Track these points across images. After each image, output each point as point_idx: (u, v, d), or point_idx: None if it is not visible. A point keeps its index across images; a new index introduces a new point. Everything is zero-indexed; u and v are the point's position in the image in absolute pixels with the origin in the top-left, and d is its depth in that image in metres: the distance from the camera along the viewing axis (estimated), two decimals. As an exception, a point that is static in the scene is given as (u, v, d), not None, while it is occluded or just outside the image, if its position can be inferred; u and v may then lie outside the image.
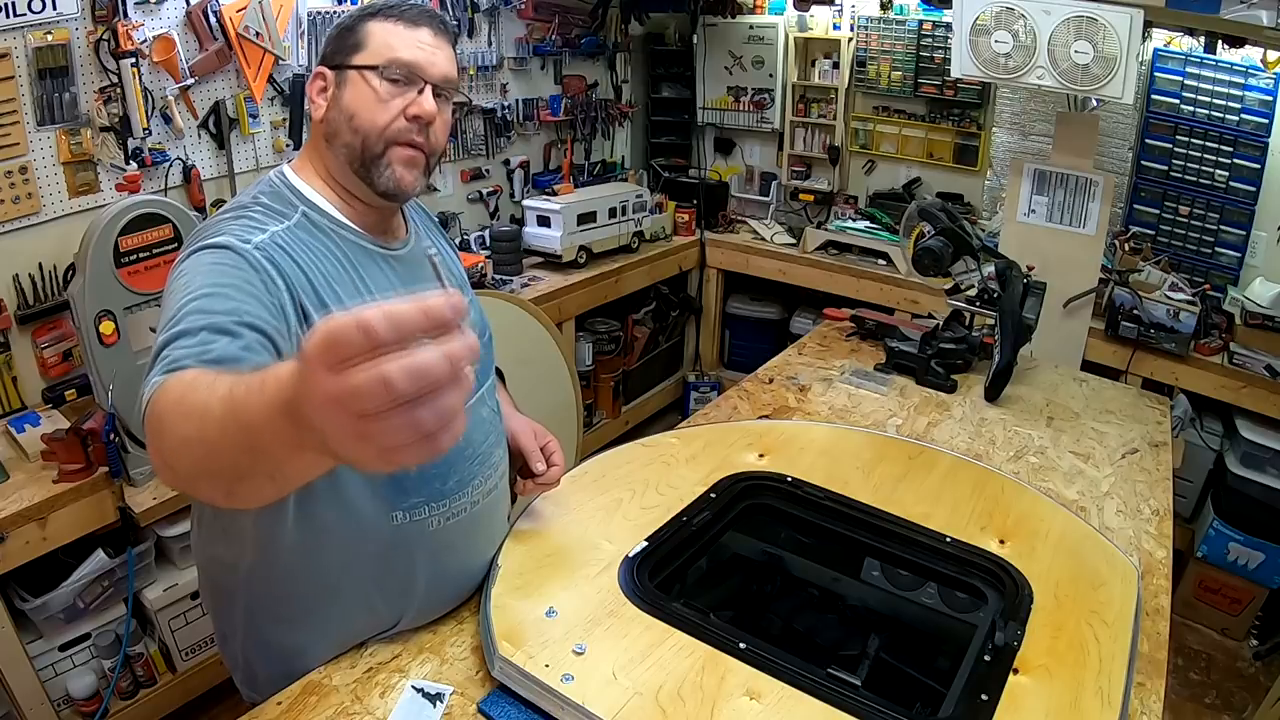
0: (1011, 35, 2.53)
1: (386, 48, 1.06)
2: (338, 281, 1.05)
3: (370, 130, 1.06)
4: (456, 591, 1.25)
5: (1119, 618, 1.22)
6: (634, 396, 3.82)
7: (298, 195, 1.10)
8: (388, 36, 1.06)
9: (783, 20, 3.73)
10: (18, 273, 2.10)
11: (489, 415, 1.25)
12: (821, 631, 1.54)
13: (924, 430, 1.84)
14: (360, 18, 1.08)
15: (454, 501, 1.17)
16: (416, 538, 1.15)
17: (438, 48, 1.09)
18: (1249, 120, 2.92)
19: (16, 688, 1.91)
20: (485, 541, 1.28)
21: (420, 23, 1.08)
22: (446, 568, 1.20)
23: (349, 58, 1.07)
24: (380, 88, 1.05)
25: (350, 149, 1.07)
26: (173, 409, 0.75)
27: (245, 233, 1.00)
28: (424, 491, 1.14)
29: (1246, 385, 2.73)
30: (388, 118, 1.06)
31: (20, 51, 2.00)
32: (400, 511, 1.12)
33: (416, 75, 1.07)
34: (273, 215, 1.05)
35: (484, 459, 1.22)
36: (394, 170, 1.08)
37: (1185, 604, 2.91)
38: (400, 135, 1.07)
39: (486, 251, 3.13)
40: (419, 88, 1.07)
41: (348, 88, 1.07)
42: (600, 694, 1.04)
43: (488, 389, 1.27)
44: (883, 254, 3.48)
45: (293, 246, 1.03)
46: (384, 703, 1.07)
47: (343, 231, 1.10)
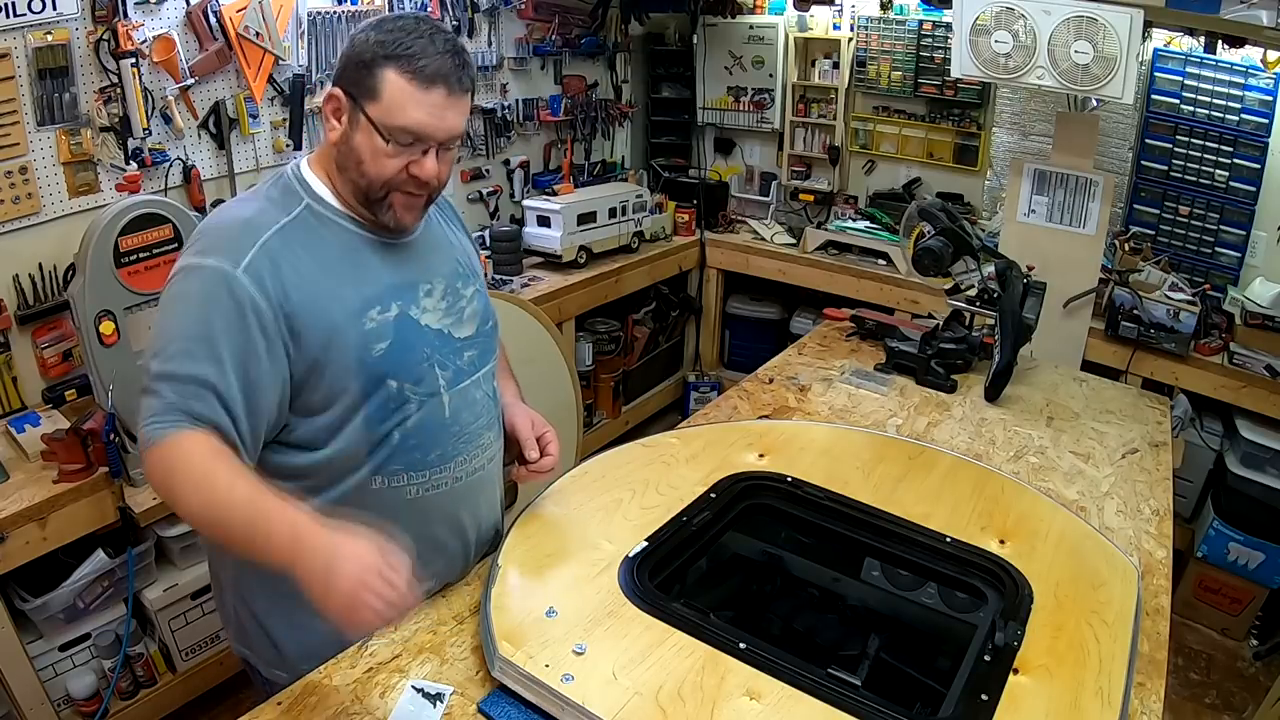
0: (1011, 35, 2.53)
1: (399, 109, 1.07)
2: (332, 271, 1.12)
3: (375, 179, 1.11)
4: (437, 562, 1.28)
5: (1119, 618, 1.22)
6: (634, 396, 3.82)
7: (305, 188, 1.16)
8: (402, 96, 1.07)
9: (783, 20, 3.73)
10: (18, 273, 2.10)
11: (482, 398, 1.29)
12: (821, 631, 1.54)
13: (924, 430, 1.84)
14: (380, 58, 1.07)
15: (434, 474, 1.22)
16: (393, 503, 1.20)
17: (449, 107, 1.10)
18: (1249, 120, 2.92)
19: (16, 688, 1.91)
20: (469, 517, 1.31)
21: (436, 83, 1.07)
22: (425, 536, 1.23)
23: (364, 100, 1.08)
24: (388, 146, 1.09)
25: (356, 185, 1.13)
26: (183, 480, 1.01)
27: (241, 244, 1.07)
28: (403, 460, 1.19)
29: (1246, 385, 2.73)
30: (391, 172, 1.11)
31: (20, 51, 2.00)
32: (380, 476, 1.18)
33: (423, 139, 1.10)
34: (278, 206, 1.13)
35: (471, 438, 1.27)
36: (394, 211, 1.15)
37: (1185, 604, 2.91)
38: (402, 186, 1.13)
39: (486, 251, 3.13)
40: (424, 149, 1.11)
41: (359, 131, 1.10)
42: (600, 694, 1.04)
43: (485, 374, 1.30)
44: (883, 254, 3.48)
45: (285, 249, 1.09)
46: (384, 703, 1.07)
47: (344, 223, 1.16)
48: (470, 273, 1.33)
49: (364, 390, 1.14)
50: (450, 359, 1.23)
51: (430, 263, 1.25)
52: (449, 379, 1.22)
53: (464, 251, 1.36)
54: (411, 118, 1.07)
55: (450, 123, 1.11)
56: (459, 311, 1.26)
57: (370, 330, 1.13)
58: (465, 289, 1.29)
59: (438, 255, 1.27)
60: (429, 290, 1.23)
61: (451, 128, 1.11)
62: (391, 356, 1.15)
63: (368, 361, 1.13)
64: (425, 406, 1.20)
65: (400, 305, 1.18)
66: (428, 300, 1.22)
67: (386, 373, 1.15)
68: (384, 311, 1.15)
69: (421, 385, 1.19)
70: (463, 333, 1.26)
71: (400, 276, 1.20)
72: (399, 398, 1.17)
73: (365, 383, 1.14)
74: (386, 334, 1.15)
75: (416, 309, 1.20)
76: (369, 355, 1.13)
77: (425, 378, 1.19)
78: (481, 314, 1.32)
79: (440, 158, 1.13)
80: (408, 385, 1.17)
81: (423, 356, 1.19)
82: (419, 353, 1.19)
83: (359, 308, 1.13)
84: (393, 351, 1.15)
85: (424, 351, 1.20)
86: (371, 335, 1.13)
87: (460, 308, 1.27)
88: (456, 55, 1.09)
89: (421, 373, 1.19)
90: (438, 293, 1.24)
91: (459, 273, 1.29)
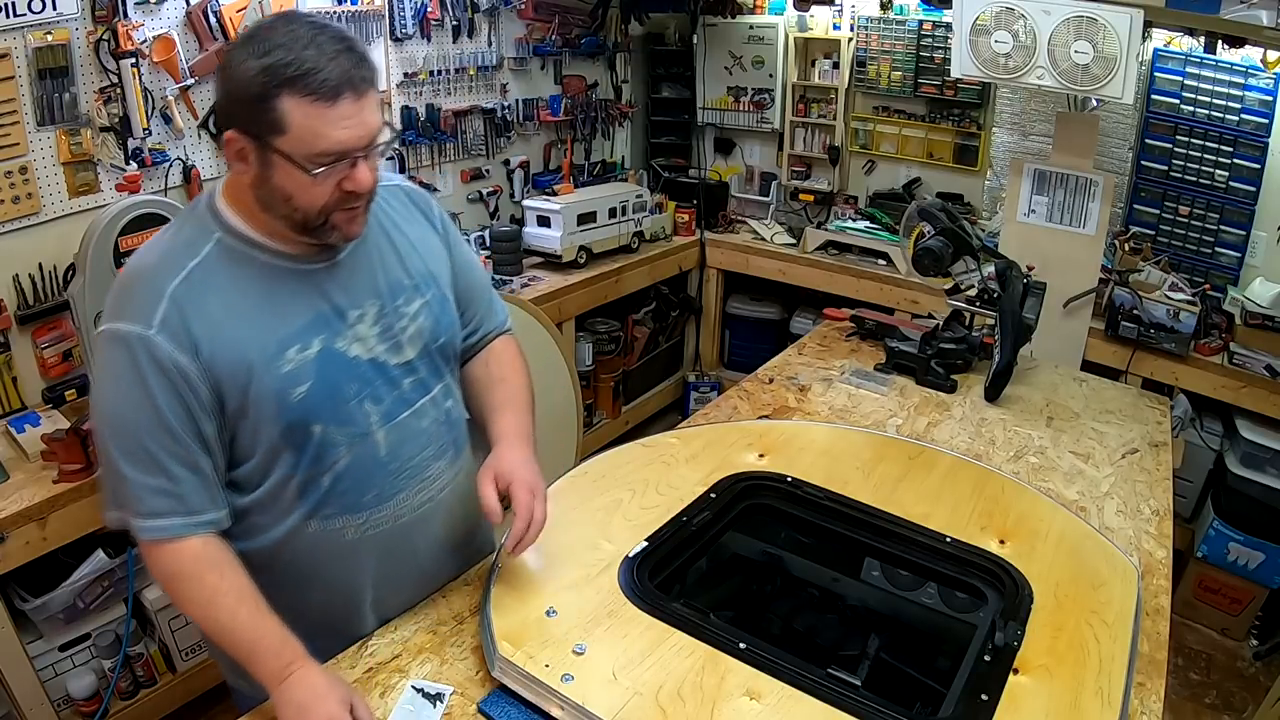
0: (1011, 35, 2.53)
1: (312, 136, 0.96)
2: (243, 313, 1.04)
3: (309, 210, 1.02)
4: (402, 592, 1.25)
5: (1119, 618, 1.22)
6: (634, 396, 3.82)
7: (219, 221, 1.07)
8: (310, 122, 0.96)
9: (783, 20, 3.73)
10: (18, 273, 2.10)
11: (429, 426, 1.21)
12: (821, 631, 1.54)
13: (924, 430, 1.84)
14: (272, 89, 0.95)
15: (372, 515, 1.17)
16: (332, 546, 1.16)
17: (361, 111, 0.99)
18: (1249, 120, 2.92)
19: (16, 688, 1.91)
20: (426, 546, 1.26)
21: (340, 92, 0.96)
22: (377, 574, 1.21)
23: (271, 137, 0.97)
24: (312, 176, 0.99)
25: (289, 220, 1.04)
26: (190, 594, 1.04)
27: (149, 301, 1.00)
28: (336, 504, 1.14)
29: (1246, 385, 2.73)
30: (324, 197, 1.02)
31: (20, 51, 2.00)
32: (314, 520, 1.14)
33: (347, 155, 1.00)
34: (186, 247, 1.05)
35: (415, 473, 1.20)
36: (339, 230, 1.06)
37: (1185, 604, 2.91)
38: (339, 205, 1.03)
39: (486, 251, 3.13)
40: (351, 162, 1.01)
41: (276, 169, 0.99)
42: (600, 694, 1.04)
43: (432, 398, 1.21)
44: (883, 254, 3.47)
45: (193, 297, 1.02)
46: (384, 703, 1.07)
47: (256, 254, 1.07)
48: (419, 282, 1.20)
49: (286, 438, 1.08)
50: (385, 391, 1.15)
51: (361, 284, 1.14)
52: (383, 413, 1.14)
53: (414, 255, 1.21)
54: (328, 140, 0.97)
55: (369, 125, 1.01)
56: (397, 335, 1.16)
57: (288, 373, 1.06)
58: (408, 305, 1.17)
59: (372, 272, 1.16)
60: (360, 315, 1.13)
61: (372, 129, 1.01)
62: (313, 400, 1.07)
63: (287, 408, 1.06)
64: (356, 448, 1.13)
65: (324, 340, 1.09)
66: (359, 327, 1.12)
67: (309, 418, 1.08)
68: (304, 350, 1.07)
69: (350, 426, 1.11)
70: (401, 358, 1.17)
71: (325, 306, 1.10)
72: (325, 442, 1.10)
73: (286, 430, 1.07)
74: (306, 375, 1.07)
75: (344, 340, 1.11)
76: (288, 401, 1.06)
77: (354, 417, 1.12)
78: (430, 330, 1.20)
79: (369, 161, 1.03)
80: (333, 429, 1.10)
81: (350, 394, 1.11)
82: (345, 391, 1.11)
83: (274, 350, 1.05)
84: (314, 394, 1.07)
85: (351, 389, 1.11)
86: (289, 379, 1.06)
87: (399, 329, 1.16)
88: (349, 52, 0.98)
89: (349, 413, 1.11)
90: (370, 317, 1.13)
91: (401, 287, 1.17)
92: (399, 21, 2.86)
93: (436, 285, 1.23)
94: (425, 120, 3.06)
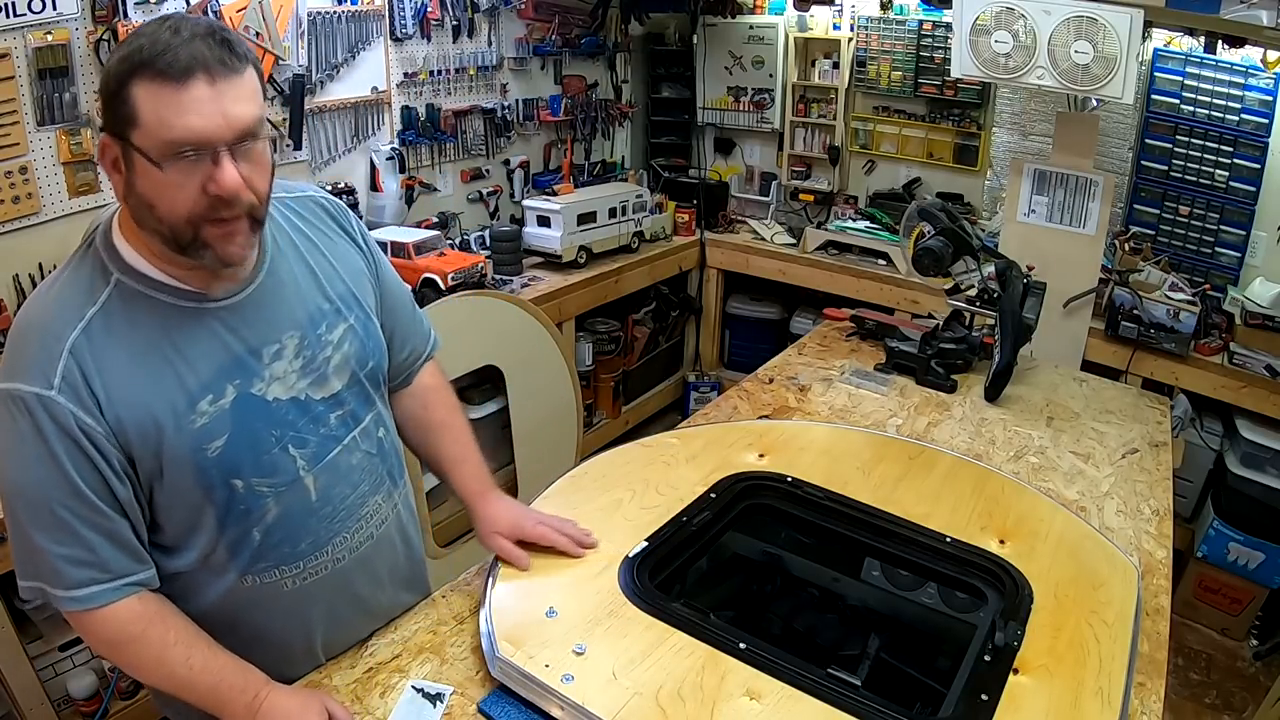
0: (1011, 35, 2.53)
1: (161, 125, 0.86)
2: (148, 363, 0.96)
3: (173, 220, 0.91)
4: (342, 636, 1.19)
5: (1119, 618, 1.22)
6: (634, 396, 3.82)
7: (114, 259, 0.97)
8: (158, 108, 0.86)
9: (783, 20, 3.73)
10: (18, 273, 2.10)
11: (360, 461, 1.14)
12: (821, 631, 1.54)
13: (924, 430, 1.84)
14: (122, 76, 0.86)
15: (308, 562, 1.10)
16: (270, 598, 1.09)
17: (222, 94, 0.88)
18: (1249, 120, 2.92)
19: (16, 688, 1.91)
20: (367, 584, 1.19)
21: (191, 72, 0.86)
22: (317, 620, 1.15)
23: (128, 132, 0.88)
24: (170, 175, 0.88)
25: (161, 235, 0.93)
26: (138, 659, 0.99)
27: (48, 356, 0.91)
28: (270, 557, 1.07)
29: (1246, 385, 2.73)
30: (187, 203, 0.90)
31: (20, 51, 2.00)
32: (250, 575, 1.07)
33: (202, 145, 0.88)
34: (83, 293, 0.95)
35: (349, 514, 1.13)
36: (214, 249, 0.94)
37: (1185, 604, 2.91)
38: (207, 215, 0.91)
39: (486, 251, 3.13)
40: (212, 157, 0.89)
41: (137, 172, 0.89)
42: (600, 694, 1.04)
43: (362, 430, 1.14)
44: (883, 254, 3.47)
45: (94, 350, 0.93)
46: (384, 703, 1.07)
47: (158, 295, 0.97)
48: (341, 306, 1.12)
49: (207, 496, 1.00)
50: (309, 432, 1.07)
51: (276, 316, 1.05)
52: (310, 456, 1.07)
53: (334, 276, 1.13)
54: (179, 126, 0.86)
55: (231, 113, 0.88)
56: (320, 366, 1.08)
57: (202, 428, 0.97)
58: (330, 332, 1.09)
59: (288, 302, 1.06)
60: (278, 352, 1.04)
61: (235, 119, 0.89)
62: (231, 454, 0.99)
63: (204, 465, 0.98)
64: (284, 497, 1.05)
65: (238, 385, 1.00)
66: (276, 365, 1.04)
67: (228, 473, 1.00)
68: (217, 399, 0.99)
69: (274, 475, 1.04)
70: (327, 390, 1.09)
71: (237, 347, 1.01)
72: (250, 496, 1.02)
73: (206, 488, 0.99)
74: (222, 427, 0.99)
75: (260, 383, 1.02)
76: (204, 458, 0.98)
77: (278, 465, 1.04)
78: (357, 356, 1.12)
79: (241, 161, 0.91)
80: (257, 480, 1.02)
81: (271, 441, 1.03)
82: (266, 439, 1.02)
83: (184, 405, 0.96)
84: (232, 447, 0.99)
85: (273, 435, 1.03)
86: (203, 434, 0.98)
87: (323, 360, 1.08)
88: (210, 35, 0.88)
89: (272, 461, 1.03)
90: (289, 351, 1.05)
91: (321, 314, 1.09)
92: (399, 21, 2.86)
93: (360, 306, 1.15)
94: (425, 120, 3.06)
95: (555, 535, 1.27)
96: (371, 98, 2.86)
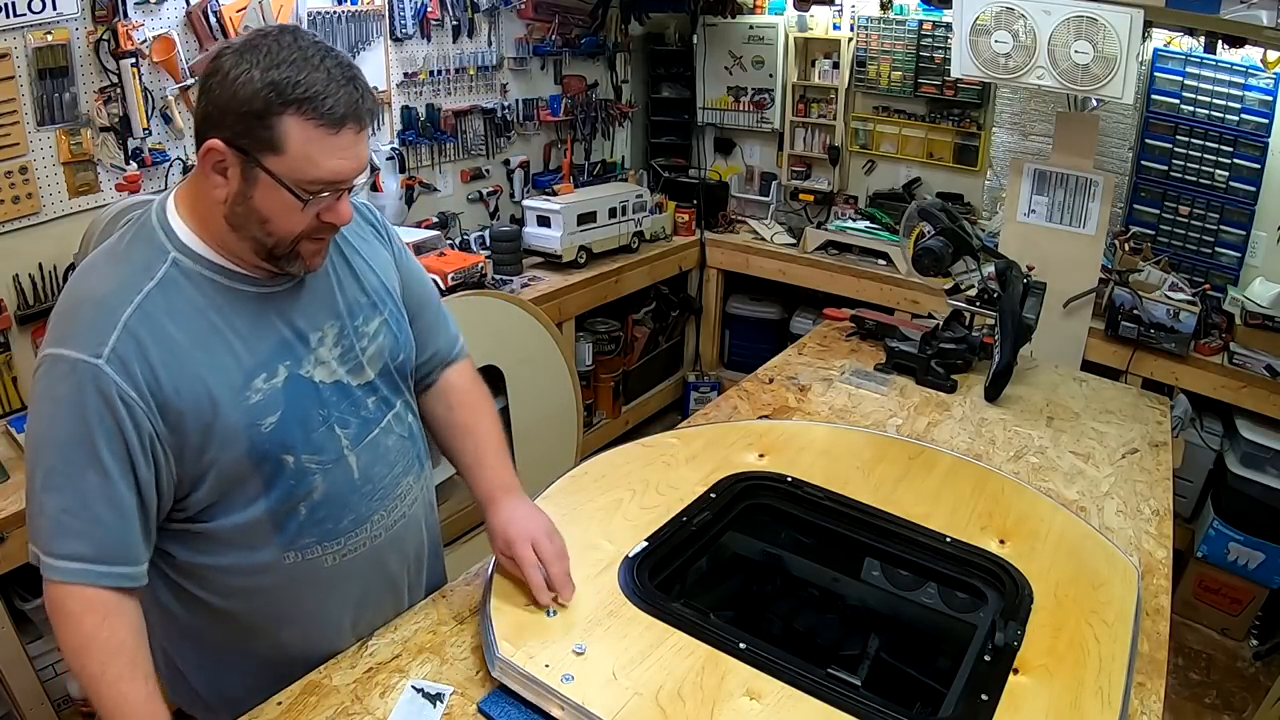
0: (1011, 35, 2.53)
1: (309, 163, 0.93)
2: (205, 341, 0.99)
3: (284, 236, 0.99)
4: (377, 612, 1.22)
5: (1119, 618, 1.22)
6: (634, 396, 3.82)
7: (172, 238, 1.00)
8: (309, 147, 0.93)
9: (783, 20, 3.73)
10: (18, 273, 2.10)
11: (395, 443, 1.19)
12: (821, 631, 1.54)
13: (924, 430, 1.84)
14: (276, 105, 0.91)
15: (349, 539, 1.14)
16: (311, 574, 1.12)
17: (359, 143, 0.97)
18: (1249, 120, 2.92)
19: (16, 688, 1.91)
20: (398, 563, 1.24)
21: (345, 123, 0.94)
22: (351, 598, 1.18)
23: (263, 155, 0.93)
24: (301, 201, 0.96)
25: (258, 243, 1.00)
26: (67, 636, 0.96)
27: (101, 327, 0.94)
28: (314, 533, 1.10)
29: (1246, 385, 2.73)
30: (304, 226, 0.99)
31: (20, 51, 2.00)
32: (292, 552, 1.09)
33: (339, 186, 0.98)
34: (140, 270, 0.98)
35: (386, 492, 1.18)
36: (303, 260, 1.03)
37: (1185, 604, 2.91)
38: (313, 234, 1.01)
39: (486, 251, 3.13)
40: (337, 194, 0.99)
41: (260, 188, 0.95)
42: (600, 694, 1.04)
43: (395, 414, 1.19)
44: (883, 254, 3.48)
45: (150, 325, 0.96)
46: (384, 703, 1.07)
47: (214, 276, 1.02)
48: (376, 300, 1.18)
49: (259, 472, 1.03)
50: (351, 414, 1.12)
51: (321, 304, 1.11)
52: (353, 436, 1.12)
53: (370, 272, 1.19)
54: (326, 168, 0.95)
55: (363, 159, 0.99)
56: (358, 355, 1.13)
57: (256, 404, 1.02)
58: (366, 325, 1.15)
59: (330, 293, 1.12)
60: (321, 339, 1.09)
61: (363, 165, 1.00)
62: (284, 429, 1.04)
63: (258, 440, 1.02)
64: (331, 474, 1.10)
65: (289, 366, 1.05)
66: (321, 350, 1.09)
67: (282, 448, 1.04)
68: (271, 378, 1.03)
69: (324, 453, 1.08)
70: (363, 378, 1.14)
71: (287, 330, 1.06)
72: (300, 472, 1.06)
73: (259, 463, 1.03)
74: (276, 404, 1.03)
75: (309, 365, 1.07)
76: (258, 433, 1.02)
77: (326, 443, 1.09)
78: (389, 349, 1.18)
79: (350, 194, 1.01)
80: (307, 456, 1.07)
81: (319, 420, 1.08)
82: (315, 417, 1.07)
83: (241, 380, 1.01)
84: (285, 423, 1.04)
85: (319, 414, 1.08)
86: (258, 409, 1.02)
87: (360, 350, 1.14)
88: (354, 81, 0.96)
89: (321, 439, 1.08)
90: (330, 339, 1.10)
91: (359, 306, 1.15)
92: (399, 21, 2.86)
93: (392, 301, 1.20)
94: (425, 120, 3.06)
95: (532, 569, 1.18)
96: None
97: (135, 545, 0.99)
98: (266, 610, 1.12)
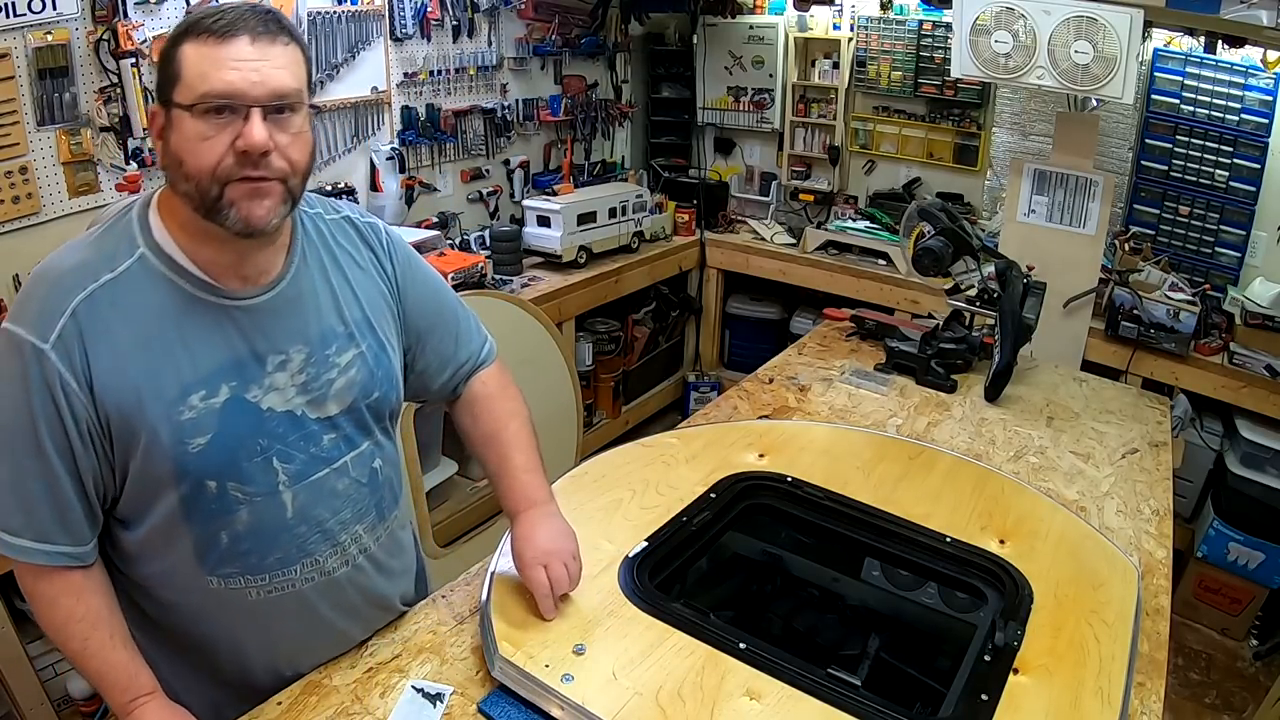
0: (1011, 35, 2.53)
1: (200, 78, 0.89)
2: (150, 346, 0.96)
3: (200, 175, 0.92)
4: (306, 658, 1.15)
5: (1119, 618, 1.22)
6: (634, 396, 3.82)
7: (145, 233, 0.98)
8: (200, 63, 0.89)
9: (783, 20, 3.73)
10: (18, 273, 2.10)
11: (348, 488, 1.11)
12: (821, 631, 1.54)
13: (924, 430, 1.84)
14: (175, 39, 0.91)
15: (274, 578, 1.07)
16: (236, 605, 1.07)
17: (263, 58, 0.91)
18: (1249, 120, 2.92)
19: (16, 688, 1.91)
20: (339, 616, 1.15)
21: (237, 31, 0.90)
22: (283, 634, 1.11)
23: (170, 92, 0.91)
24: (201, 126, 0.90)
25: (189, 196, 0.94)
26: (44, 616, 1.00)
27: (53, 311, 0.93)
28: (237, 564, 1.04)
29: (1246, 385, 2.73)
30: (214, 158, 0.91)
31: (20, 51, 2.00)
32: (216, 578, 1.04)
33: (238, 103, 0.90)
34: (104, 258, 0.96)
35: (327, 538, 1.09)
36: (237, 209, 0.93)
37: (1185, 604, 2.91)
38: (232, 173, 0.92)
39: (486, 251, 3.13)
40: (243, 115, 0.90)
41: (173, 129, 0.92)
42: (600, 694, 1.04)
43: (355, 457, 1.11)
44: (883, 254, 3.48)
45: (97, 317, 0.94)
46: (384, 703, 1.07)
47: (177, 280, 0.97)
48: (354, 331, 1.10)
49: (177, 490, 0.98)
50: (298, 448, 1.04)
51: (292, 327, 1.04)
52: (294, 472, 1.04)
53: (353, 302, 1.11)
54: (216, 78, 0.89)
55: (267, 74, 0.91)
56: (322, 386, 1.06)
57: (188, 422, 0.96)
58: (339, 356, 1.07)
59: (304, 316, 1.06)
60: (282, 362, 1.03)
61: (271, 80, 0.91)
62: (211, 454, 0.98)
63: (182, 460, 0.97)
64: (259, 508, 1.03)
65: (233, 387, 0.99)
66: (278, 375, 1.02)
67: (203, 473, 0.98)
68: (209, 397, 0.97)
69: (252, 484, 1.02)
70: (324, 412, 1.06)
71: (243, 349, 1.00)
72: (222, 499, 1.00)
73: (179, 483, 0.98)
74: (209, 426, 0.97)
75: (258, 388, 1.01)
76: (184, 453, 0.96)
77: (258, 475, 1.02)
78: (361, 385, 1.10)
79: (276, 129, 0.93)
80: (233, 485, 1.00)
81: (255, 450, 1.01)
82: (250, 446, 1.01)
83: (176, 394, 0.96)
84: (213, 448, 0.98)
85: (258, 444, 1.01)
86: (189, 428, 0.96)
87: (325, 380, 1.06)
88: (260, 9, 0.92)
89: (253, 470, 1.01)
90: (294, 364, 1.04)
91: (333, 335, 1.07)
92: (399, 21, 2.86)
93: (374, 336, 1.13)
94: (425, 120, 3.06)
95: (543, 599, 1.16)
96: (371, 98, 2.86)
97: (76, 525, 0.98)
98: (203, 630, 1.08)
